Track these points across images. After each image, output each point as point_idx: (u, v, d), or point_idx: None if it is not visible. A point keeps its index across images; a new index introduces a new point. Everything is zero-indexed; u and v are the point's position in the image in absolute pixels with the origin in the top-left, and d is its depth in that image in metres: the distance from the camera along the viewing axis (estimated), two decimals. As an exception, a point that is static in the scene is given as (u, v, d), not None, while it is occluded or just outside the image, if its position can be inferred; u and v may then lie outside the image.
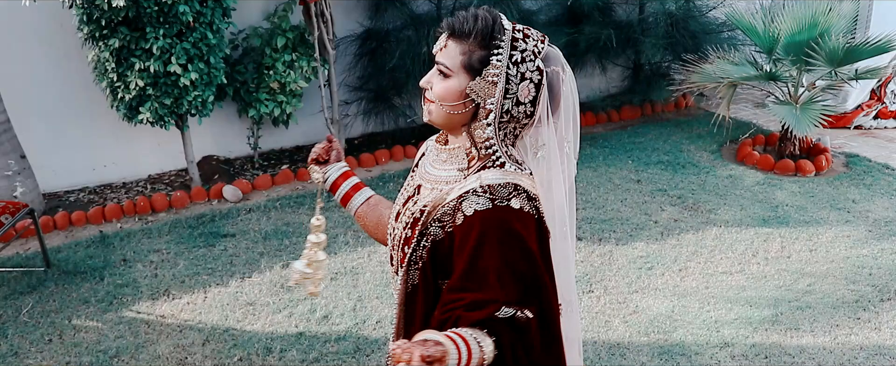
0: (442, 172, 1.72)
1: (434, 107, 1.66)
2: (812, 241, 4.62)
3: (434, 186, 1.71)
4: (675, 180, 5.60)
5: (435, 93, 1.65)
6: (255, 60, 5.87)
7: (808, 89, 5.86)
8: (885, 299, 3.95)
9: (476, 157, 1.66)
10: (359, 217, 2.00)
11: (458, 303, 1.50)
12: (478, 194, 1.57)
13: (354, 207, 1.99)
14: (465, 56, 1.60)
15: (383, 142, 6.63)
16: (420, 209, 1.68)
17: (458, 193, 1.61)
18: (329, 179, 1.98)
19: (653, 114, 7.25)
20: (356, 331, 3.89)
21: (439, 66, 1.64)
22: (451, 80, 1.62)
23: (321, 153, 1.98)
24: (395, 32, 6.28)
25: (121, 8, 4.73)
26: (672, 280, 4.24)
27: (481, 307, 1.47)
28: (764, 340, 3.65)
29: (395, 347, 1.35)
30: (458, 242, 1.57)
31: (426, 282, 1.66)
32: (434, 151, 1.78)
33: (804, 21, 5.54)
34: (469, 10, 1.63)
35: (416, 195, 1.77)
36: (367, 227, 2.00)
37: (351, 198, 1.98)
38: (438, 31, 1.69)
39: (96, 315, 4.16)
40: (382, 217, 1.97)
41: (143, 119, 5.19)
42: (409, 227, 1.70)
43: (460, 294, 1.52)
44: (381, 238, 1.99)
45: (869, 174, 5.60)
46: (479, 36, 1.59)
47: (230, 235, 5.04)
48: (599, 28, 6.58)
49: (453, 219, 1.59)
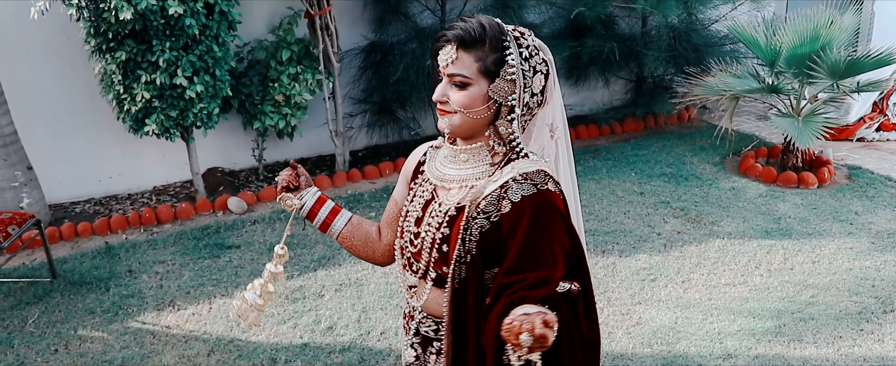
0: (466, 171, 1.79)
1: (457, 117, 1.73)
2: (815, 253, 4.63)
3: (461, 184, 1.78)
4: (678, 192, 5.62)
5: (457, 103, 1.71)
6: (260, 73, 5.92)
7: (810, 102, 5.88)
8: (888, 311, 3.96)
9: (500, 151, 1.76)
10: (343, 238, 2.01)
11: (520, 283, 1.57)
12: (519, 182, 1.67)
13: (337, 230, 2.00)
14: (480, 62, 1.69)
15: (387, 154, 6.67)
16: (456, 207, 1.75)
17: (497, 184, 1.69)
18: (305, 205, 1.97)
19: (656, 126, 7.28)
20: (361, 342, 3.91)
21: (455, 78, 1.70)
22: (472, 88, 1.70)
23: (290, 180, 1.96)
24: (399, 45, 6.32)
25: (128, 21, 4.77)
26: (675, 292, 4.25)
27: (544, 285, 1.56)
28: (767, 351, 3.66)
29: (511, 320, 1.39)
30: (509, 227, 1.65)
31: (476, 274, 1.71)
32: (448, 154, 1.83)
33: (806, 34, 5.57)
34: (467, 21, 1.70)
35: (435, 198, 1.82)
36: (355, 247, 2.03)
37: (332, 222, 1.99)
38: (437, 47, 1.74)
39: (102, 326, 4.18)
40: (370, 234, 2.04)
41: (149, 131, 5.23)
42: (447, 225, 1.75)
43: (520, 275, 1.59)
44: (370, 255, 2.06)
45: (871, 186, 5.61)
46: (490, 41, 1.68)
47: (235, 246, 5.07)
48: (602, 41, 6.62)
49: (498, 208, 1.68)
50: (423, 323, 1.91)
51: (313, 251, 4.90)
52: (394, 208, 2.04)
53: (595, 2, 6.49)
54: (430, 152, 1.94)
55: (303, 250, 4.93)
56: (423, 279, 1.86)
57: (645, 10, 6.67)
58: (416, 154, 2.01)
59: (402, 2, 6.32)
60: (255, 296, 1.92)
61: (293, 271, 4.66)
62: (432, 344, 1.90)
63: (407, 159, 2.05)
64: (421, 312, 1.91)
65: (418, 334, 1.93)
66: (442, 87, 1.73)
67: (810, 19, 5.62)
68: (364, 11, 6.39)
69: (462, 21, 1.71)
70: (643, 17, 6.99)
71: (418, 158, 1.98)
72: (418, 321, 1.92)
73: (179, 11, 4.77)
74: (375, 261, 2.09)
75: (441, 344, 1.86)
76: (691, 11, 6.78)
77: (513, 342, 1.39)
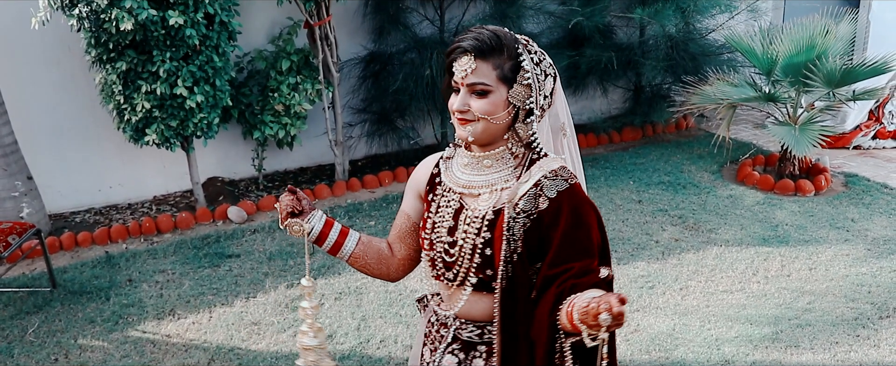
0: (492, 176, 1.85)
1: (480, 124, 1.78)
2: (812, 259, 4.65)
3: (490, 189, 1.84)
4: (675, 201, 5.65)
5: (480, 111, 1.76)
6: (259, 83, 5.95)
7: (806, 110, 5.92)
8: (883, 317, 3.98)
9: (519, 154, 1.84)
10: (355, 258, 2.01)
11: (568, 273, 1.67)
12: (551, 179, 1.77)
13: (348, 251, 1.99)
14: (498, 70, 1.76)
15: (387, 163, 6.70)
16: (493, 210, 1.80)
17: (530, 183, 1.77)
18: (314, 230, 1.94)
19: (654, 135, 7.31)
20: (360, 350, 3.92)
21: (476, 87, 1.76)
22: (493, 95, 1.76)
23: (294, 206, 1.92)
24: (398, 55, 6.36)
25: (128, 31, 4.81)
26: (673, 299, 4.27)
27: (589, 273, 1.67)
28: (764, 357, 3.68)
29: (587, 304, 1.45)
30: (549, 222, 1.74)
31: (523, 271, 1.77)
32: (469, 162, 1.88)
33: (802, 43, 5.61)
34: (479, 31, 1.76)
35: (465, 206, 1.86)
36: (368, 265, 2.03)
37: (343, 244, 1.98)
38: (450, 59, 1.79)
39: (102, 335, 4.20)
40: (382, 251, 2.05)
41: (150, 141, 5.25)
42: (487, 230, 1.80)
43: (565, 266, 1.69)
44: (384, 272, 2.06)
45: (868, 193, 5.64)
46: (506, 49, 1.75)
47: (235, 255, 5.09)
48: (600, 51, 6.66)
49: (536, 205, 1.76)
50: (462, 329, 1.93)
51: (312, 260, 4.92)
52: (406, 222, 2.05)
53: (593, 12, 6.53)
54: (442, 163, 1.97)
55: (302, 260, 4.95)
56: (461, 286, 1.89)
57: (642, 19, 6.71)
58: (427, 167, 2.03)
59: (401, 12, 6.37)
60: (312, 339, 1.93)
61: (293, 280, 4.68)
62: (476, 348, 1.93)
63: (414, 173, 2.06)
64: (456, 318, 1.93)
65: (458, 340, 1.95)
66: (462, 96, 1.78)
67: (806, 28, 5.66)
68: (363, 21, 6.44)
69: (473, 32, 1.77)
70: (641, 27, 7.04)
71: (430, 171, 2.00)
72: (456, 328, 1.94)
73: (180, 22, 4.81)
74: (389, 277, 2.09)
75: (485, 347, 1.91)
76: (688, 21, 6.82)
77: (591, 324, 1.44)
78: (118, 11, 4.68)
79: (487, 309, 1.86)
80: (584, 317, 1.45)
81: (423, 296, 2.12)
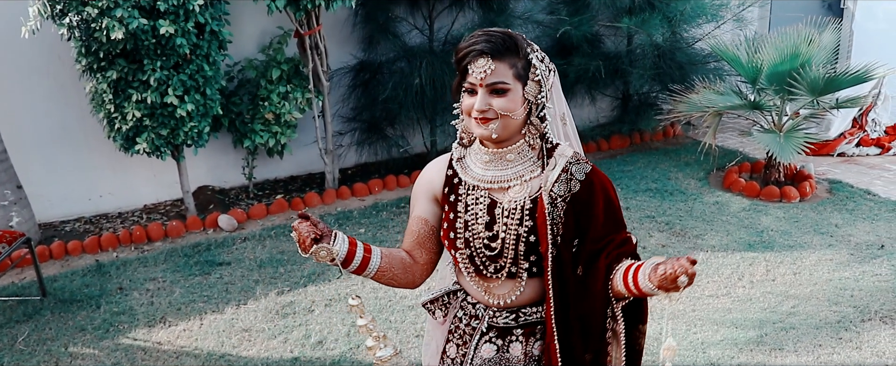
0: (518, 168, 1.95)
1: (502, 121, 1.87)
2: (796, 264, 4.71)
3: (519, 181, 1.94)
4: (663, 207, 5.71)
5: (501, 108, 1.86)
6: (250, 92, 5.99)
7: (791, 118, 5.99)
8: (865, 320, 4.04)
9: (536, 145, 1.95)
10: (382, 273, 1.98)
11: (610, 246, 1.88)
12: (575, 164, 1.93)
13: (375, 267, 1.96)
14: (513, 68, 1.86)
15: (376, 171, 6.74)
16: (530, 200, 1.92)
17: (558, 169, 1.91)
18: (340, 253, 1.88)
19: (641, 143, 7.38)
20: (350, 356, 3.95)
21: (496, 86, 1.85)
22: (512, 93, 1.87)
23: (314, 232, 1.85)
24: (387, 64, 6.41)
25: (119, 40, 4.84)
26: (660, 303, 4.29)
27: (627, 243, 1.89)
28: (749, 360, 3.72)
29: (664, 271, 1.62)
30: (584, 201, 1.90)
31: (567, 250, 1.91)
32: (491, 158, 1.96)
33: (786, 52, 5.69)
34: (489, 33, 1.85)
35: (497, 200, 1.95)
36: (396, 277, 2.02)
37: (369, 261, 1.95)
38: (465, 62, 1.85)
39: (93, 343, 4.21)
40: (405, 260, 2.05)
41: (140, 149, 5.27)
42: (529, 218, 1.91)
43: (607, 239, 1.89)
44: (410, 281, 2.07)
45: (851, 200, 5.72)
46: (518, 49, 1.87)
47: (225, 263, 5.11)
48: (588, 59, 6.73)
49: (569, 188, 1.90)
50: (497, 317, 2.03)
51: (303, 268, 4.95)
52: (424, 227, 2.07)
53: (581, 21, 6.61)
54: (456, 165, 2.03)
55: (292, 267, 4.98)
56: (496, 277, 1.98)
57: (630, 29, 6.79)
58: (437, 170, 2.07)
59: (391, 21, 6.42)
60: (385, 350, 1.94)
61: (284, 288, 4.70)
62: (512, 333, 2.03)
63: (422, 178, 2.10)
64: (487, 308, 2.03)
65: (493, 328, 2.04)
66: (482, 97, 1.86)
67: (790, 38, 5.74)
68: (353, 31, 6.49)
69: (483, 34, 1.85)
70: (628, 36, 7.12)
71: (443, 173, 2.05)
72: (490, 318, 2.03)
73: (170, 31, 4.84)
74: (413, 285, 2.09)
75: (522, 330, 2.02)
76: (675, 30, 6.90)
77: (669, 288, 1.63)
78: (109, 21, 4.71)
79: (527, 293, 1.99)
80: (663, 281, 1.63)
81: (436, 298, 2.15)
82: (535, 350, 2.03)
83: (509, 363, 2.04)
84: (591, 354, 1.93)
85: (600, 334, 1.91)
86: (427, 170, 2.11)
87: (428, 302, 2.17)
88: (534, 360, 2.04)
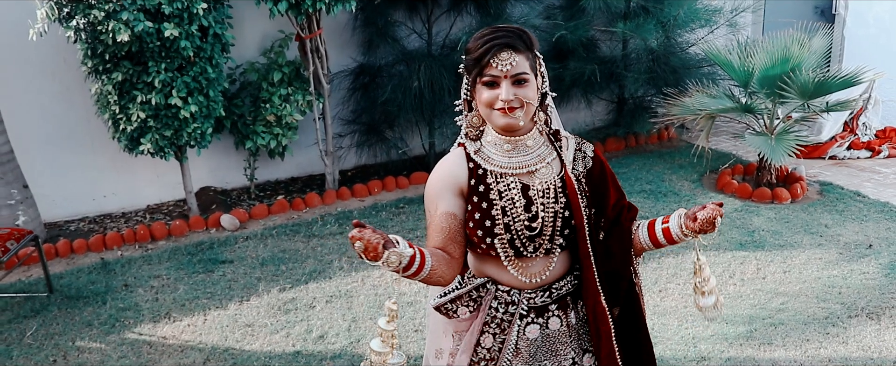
0: (540, 151, 2.13)
1: (524, 111, 2.02)
2: (786, 263, 4.83)
3: (544, 162, 2.12)
4: (657, 208, 5.82)
5: (526, 97, 2.01)
6: (252, 94, 6.09)
7: (783, 121, 6.11)
8: (852, 316, 4.15)
9: (544, 130, 2.14)
10: (433, 271, 1.96)
11: (624, 210, 2.18)
12: (581, 143, 2.20)
13: (429, 267, 1.95)
14: (530, 61, 2.02)
15: (376, 173, 6.84)
16: (560, 178, 2.12)
17: (572, 149, 2.17)
18: (405, 256, 1.86)
19: (636, 146, 7.50)
20: (351, 349, 4.05)
21: (519, 77, 1.98)
22: (531, 83, 2.02)
23: (382, 238, 1.83)
24: (387, 68, 6.52)
25: (124, 43, 4.94)
26: (652, 300, 4.43)
27: (633, 208, 2.21)
28: (739, 354, 3.83)
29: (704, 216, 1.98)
30: (597, 174, 2.16)
31: (591, 218, 2.14)
32: (513, 148, 2.09)
33: (777, 56, 5.80)
34: (502, 30, 1.99)
35: (529, 183, 2.10)
36: (443, 275, 2.02)
37: (425, 261, 1.94)
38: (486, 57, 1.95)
39: (99, 337, 4.31)
40: (444, 257, 2.04)
41: (144, 150, 5.37)
42: (562, 194, 2.11)
43: (621, 204, 2.18)
44: (451, 276, 2.06)
45: (841, 201, 5.83)
46: (532, 43, 2.03)
47: (228, 261, 5.21)
48: (584, 63, 6.84)
49: (585, 164, 2.16)
50: (535, 297, 2.16)
51: (304, 265, 5.06)
52: (454, 222, 2.07)
53: (576, 26, 6.72)
54: (476, 157, 2.11)
55: (294, 265, 5.08)
56: (535, 256, 2.12)
57: (625, 33, 6.90)
58: (458, 165, 2.11)
59: (390, 26, 6.53)
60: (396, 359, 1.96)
61: (285, 284, 4.81)
62: (548, 309, 2.19)
63: (442, 176, 2.11)
64: (521, 292, 2.15)
65: (532, 310, 2.17)
66: (507, 88, 1.98)
67: (781, 42, 5.86)
68: (353, 35, 6.60)
69: (497, 30, 1.99)
70: (623, 41, 7.23)
71: (465, 167, 2.10)
72: (528, 299, 2.16)
73: (175, 34, 4.95)
74: (449, 281, 2.08)
75: (556, 305, 2.18)
76: (669, 35, 7.02)
77: (709, 230, 1.99)
78: (115, 23, 4.82)
79: (557, 268, 2.16)
80: (705, 225, 1.98)
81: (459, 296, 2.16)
82: (572, 320, 2.21)
83: (554, 338, 2.19)
84: (617, 308, 2.18)
85: (627, 288, 2.18)
86: (443, 168, 2.12)
87: (447, 302, 2.17)
88: (574, 329, 2.22)
